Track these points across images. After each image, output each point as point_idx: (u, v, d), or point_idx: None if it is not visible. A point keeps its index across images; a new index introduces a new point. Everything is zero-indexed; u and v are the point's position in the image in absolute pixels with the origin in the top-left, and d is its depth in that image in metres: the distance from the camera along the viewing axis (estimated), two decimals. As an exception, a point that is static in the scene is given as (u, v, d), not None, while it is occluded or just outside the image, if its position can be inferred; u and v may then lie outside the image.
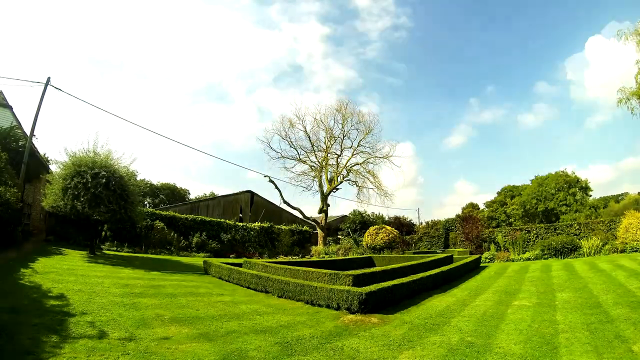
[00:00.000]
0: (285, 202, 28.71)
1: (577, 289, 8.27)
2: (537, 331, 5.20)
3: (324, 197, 29.30)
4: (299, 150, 30.47)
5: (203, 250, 19.98)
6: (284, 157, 30.29)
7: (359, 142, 30.29)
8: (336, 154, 30.79)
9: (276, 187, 28.49)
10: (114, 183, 11.36)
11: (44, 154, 20.54)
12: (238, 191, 34.52)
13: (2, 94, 16.22)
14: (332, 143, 30.68)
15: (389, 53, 75.96)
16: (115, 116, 22.08)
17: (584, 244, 15.86)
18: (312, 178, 30.37)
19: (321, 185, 29.64)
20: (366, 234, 23.89)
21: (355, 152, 30.37)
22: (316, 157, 30.70)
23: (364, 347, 4.63)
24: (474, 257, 15.49)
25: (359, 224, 33.62)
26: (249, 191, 34.66)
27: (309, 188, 30.31)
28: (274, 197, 44.97)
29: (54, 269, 8.46)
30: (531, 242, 20.01)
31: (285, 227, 27.60)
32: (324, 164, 30.37)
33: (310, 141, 30.44)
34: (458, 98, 77.07)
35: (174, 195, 55.56)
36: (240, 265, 11.92)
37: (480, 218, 28.51)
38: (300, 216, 30.94)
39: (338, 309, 6.71)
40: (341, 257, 20.39)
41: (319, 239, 28.48)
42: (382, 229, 23.33)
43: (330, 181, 30.10)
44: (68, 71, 66.93)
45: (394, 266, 10.49)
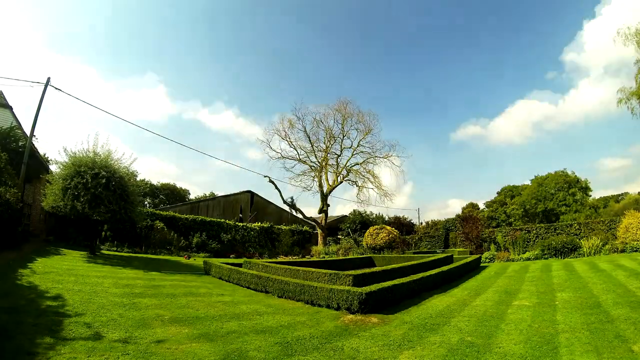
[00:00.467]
0: (285, 202, 28.72)
1: (577, 288, 8.27)
2: (537, 331, 5.19)
3: (324, 197, 29.31)
4: (299, 150, 30.56)
5: (203, 251, 20.00)
6: (283, 157, 30.39)
7: (359, 142, 30.40)
8: (336, 154, 30.90)
9: (276, 187, 28.56)
10: (113, 183, 11.37)
11: (44, 154, 20.59)
12: (238, 191, 34.56)
13: (2, 94, 16.21)
14: (332, 143, 30.77)
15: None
16: (115, 116, 22.07)
17: (584, 243, 15.84)
18: (312, 178, 30.45)
19: (321, 185, 29.67)
20: (366, 234, 23.89)
21: (355, 152, 30.47)
22: (316, 157, 30.78)
23: (364, 347, 4.62)
24: (474, 257, 15.47)
25: (359, 224, 33.66)
26: (249, 191, 34.68)
27: (309, 188, 30.40)
28: (273, 197, 45.02)
29: (53, 269, 8.46)
30: (531, 242, 20.01)
31: (285, 227, 27.62)
32: (323, 164, 30.40)
33: (310, 141, 30.55)
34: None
35: (174, 195, 55.53)
36: (240, 265, 11.92)
37: (480, 218, 28.51)
38: (300, 216, 30.98)
39: (338, 309, 6.70)
40: (341, 257, 20.38)
41: (319, 239, 28.48)
42: (382, 229, 23.32)
43: (330, 181, 30.15)
44: (68, 71, 66.93)
45: (394, 266, 10.47)
